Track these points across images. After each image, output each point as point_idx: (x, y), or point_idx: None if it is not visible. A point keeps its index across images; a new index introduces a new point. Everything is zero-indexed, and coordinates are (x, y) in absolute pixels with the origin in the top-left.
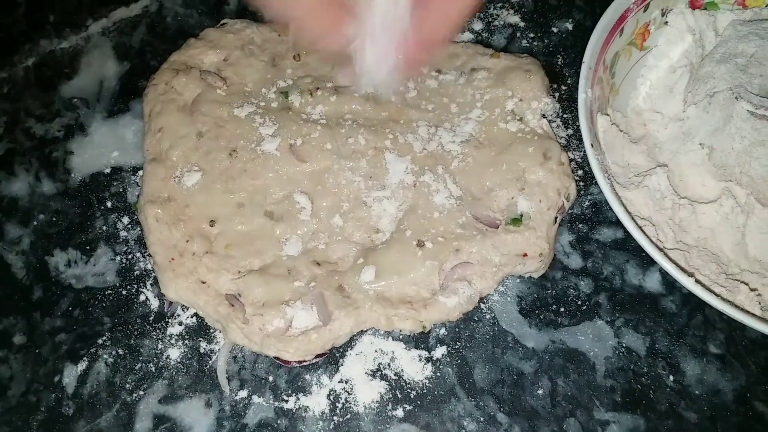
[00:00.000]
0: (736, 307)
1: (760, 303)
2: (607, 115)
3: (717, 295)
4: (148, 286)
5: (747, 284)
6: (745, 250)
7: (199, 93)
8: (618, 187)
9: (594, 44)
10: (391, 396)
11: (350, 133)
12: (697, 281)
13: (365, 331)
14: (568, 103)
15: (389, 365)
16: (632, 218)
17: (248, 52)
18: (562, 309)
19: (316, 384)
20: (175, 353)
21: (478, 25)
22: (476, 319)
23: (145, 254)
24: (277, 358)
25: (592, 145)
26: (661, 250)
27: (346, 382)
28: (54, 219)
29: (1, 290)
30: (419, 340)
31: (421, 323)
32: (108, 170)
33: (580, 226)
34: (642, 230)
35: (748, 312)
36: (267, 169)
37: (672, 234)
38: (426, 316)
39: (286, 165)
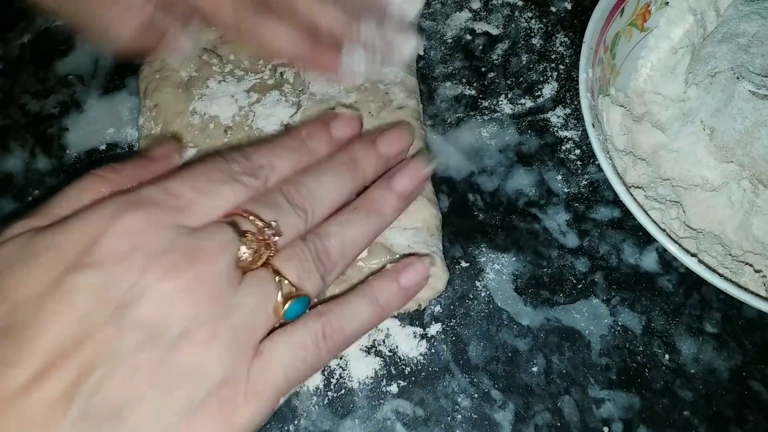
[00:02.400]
0: (741, 287)
1: (764, 284)
2: (609, 95)
3: (720, 275)
4: None
5: (751, 265)
6: (748, 232)
7: (195, 70)
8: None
9: (595, 24)
10: (385, 372)
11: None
12: (701, 261)
13: None
14: (565, 82)
15: (384, 342)
16: (634, 198)
17: None
18: (558, 287)
19: None
20: None
21: (476, 4)
22: (471, 296)
23: None
24: None
25: (593, 125)
26: (663, 230)
27: (341, 358)
28: (49, 195)
29: None
30: (414, 318)
31: (416, 301)
32: (103, 147)
33: (577, 205)
34: (643, 209)
35: (753, 292)
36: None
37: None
38: (421, 295)
39: None
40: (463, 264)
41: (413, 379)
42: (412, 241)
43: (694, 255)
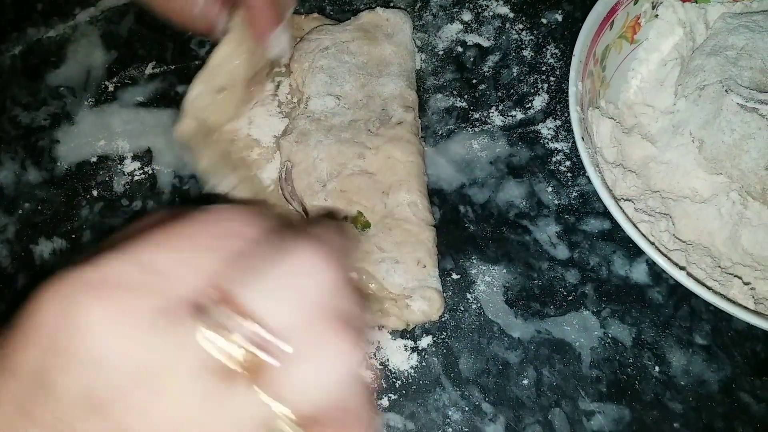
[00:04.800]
0: (729, 300)
1: (753, 296)
2: (598, 108)
3: (709, 288)
4: None
5: (740, 278)
6: (737, 244)
7: None
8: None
9: (584, 37)
10: (376, 385)
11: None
12: (689, 274)
13: None
14: (556, 94)
15: (375, 354)
16: (623, 211)
17: None
18: (548, 299)
19: None
20: None
21: (467, 16)
22: (462, 309)
23: None
24: None
25: (582, 138)
26: (652, 243)
27: None
28: (39, 208)
29: None
30: (405, 330)
31: (404, 321)
32: (94, 159)
33: (567, 216)
34: (633, 223)
35: (740, 305)
36: (261, 159)
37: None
38: (412, 318)
39: (278, 155)
40: (454, 276)
41: (404, 392)
42: (405, 279)
43: (682, 268)
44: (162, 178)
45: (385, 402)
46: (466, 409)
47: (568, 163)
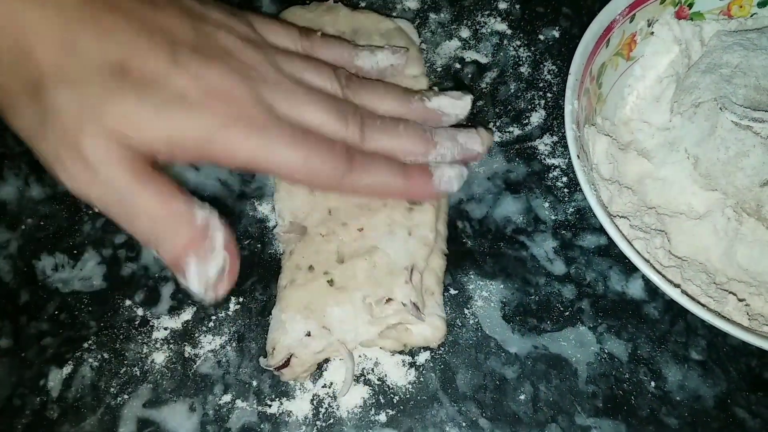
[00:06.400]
0: (724, 317)
1: (747, 313)
2: (594, 125)
3: (703, 306)
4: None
5: (735, 294)
6: (732, 260)
7: None
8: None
9: (580, 56)
10: (374, 401)
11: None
12: (684, 292)
13: None
14: (553, 110)
15: (373, 370)
16: (618, 229)
17: None
18: (545, 315)
19: (300, 389)
20: (159, 357)
21: (465, 33)
22: (459, 324)
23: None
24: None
25: (578, 156)
26: (647, 261)
27: (330, 387)
28: (42, 223)
29: None
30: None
31: (402, 344)
32: None
33: (564, 232)
34: (628, 241)
35: (734, 322)
36: None
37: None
38: (407, 339)
39: None
40: (452, 291)
41: (402, 408)
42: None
43: (677, 285)
44: None
45: (383, 417)
46: (464, 424)
47: (564, 178)
